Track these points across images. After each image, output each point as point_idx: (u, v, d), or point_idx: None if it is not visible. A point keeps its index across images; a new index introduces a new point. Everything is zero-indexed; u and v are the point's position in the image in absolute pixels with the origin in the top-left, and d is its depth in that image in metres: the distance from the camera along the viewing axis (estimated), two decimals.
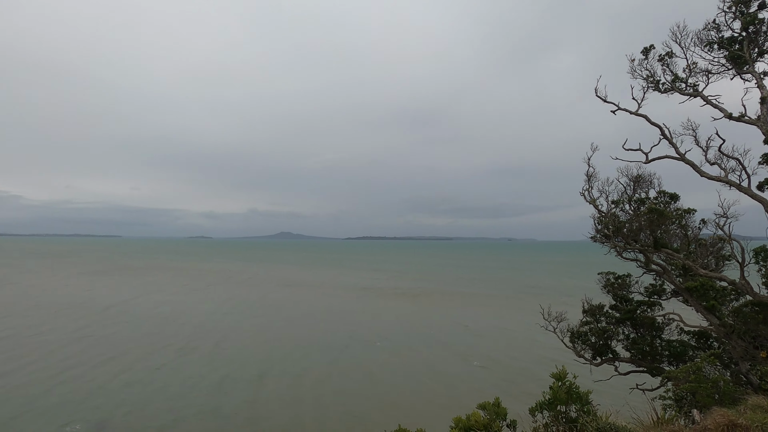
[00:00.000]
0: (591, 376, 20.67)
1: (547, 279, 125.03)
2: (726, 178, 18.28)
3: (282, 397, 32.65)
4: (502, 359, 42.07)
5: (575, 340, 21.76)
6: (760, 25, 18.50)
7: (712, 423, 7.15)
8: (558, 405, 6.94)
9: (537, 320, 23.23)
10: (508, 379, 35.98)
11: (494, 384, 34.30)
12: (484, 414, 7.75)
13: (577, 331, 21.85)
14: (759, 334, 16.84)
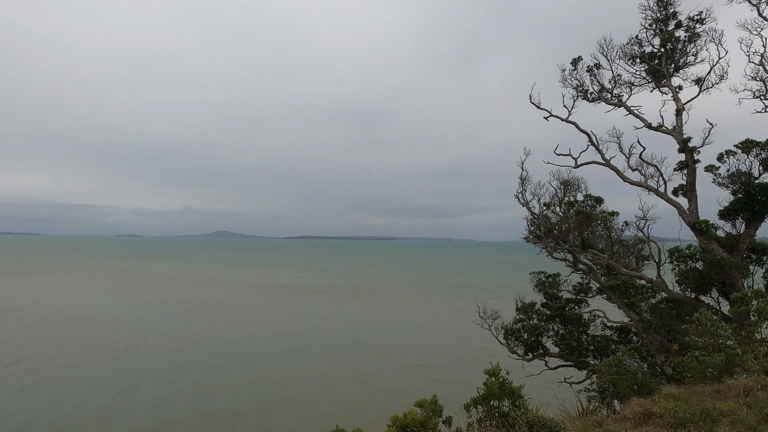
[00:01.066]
0: (523, 371, 21.47)
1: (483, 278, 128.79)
2: (645, 184, 19.62)
3: (197, 408, 29.97)
4: (439, 357, 42.89)
5: (509, 337, 22.59)
6: (676, 42, 19.99)
7: (631, 412, 7.65)
8: (491, 400, 7.16)
9: (473, 318, 23.88)
10: (445, 376, 36.75)
11: (432, 381, 34.92)
12: (421, 411, 7.86)
13: (511, 328, 22.69)
14: (672, 329, 18.20)
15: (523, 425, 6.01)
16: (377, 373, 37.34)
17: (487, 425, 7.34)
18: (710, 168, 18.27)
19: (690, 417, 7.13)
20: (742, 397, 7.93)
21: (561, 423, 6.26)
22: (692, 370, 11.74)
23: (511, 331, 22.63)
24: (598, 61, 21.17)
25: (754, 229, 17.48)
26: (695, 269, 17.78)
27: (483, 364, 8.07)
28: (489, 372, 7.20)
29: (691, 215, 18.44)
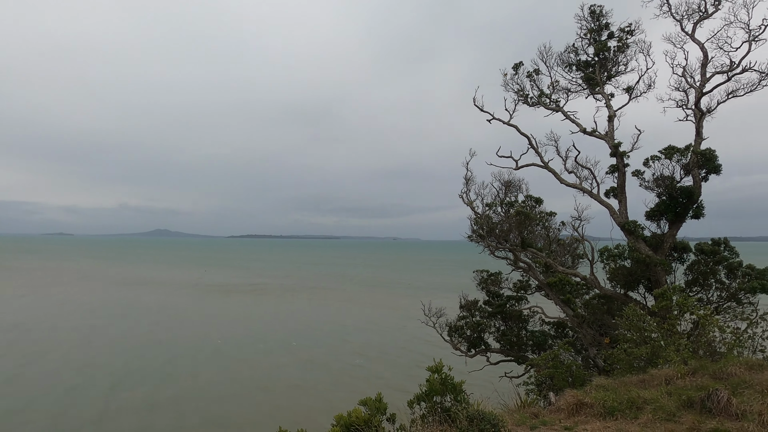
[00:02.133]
0: (466, 367, 22.00)
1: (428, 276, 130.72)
2: (580, 186, 20.64)
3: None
4: (384, 355, 43.18)
5: (453, 334, 23.10)
6: (608, 52, 21.14)
7: (564, 403, 8.05)
8: (434, 396, 7.31)
9: (418, 316, 24.23)
10: (391, 374, 37.05)
11: (378, 379, 35.12)
12: (365, 410, 7.90)
13: (455, 325, 23.21)
14: (604, 323, 19.25)
15: (463, 419, 6.18)
16: (321, 374, 37.10)
17: (430, 421, 7.48)
18: (638, 172, 19.46)
19: (617, 406, 7.59)
20: (664, 385, 8.52)
21: (500, 416, 6.49)
22: (621, 362, 12.48)
23: (455, 328, 23.14)
24: (537, 67, 22.04)
25: (676, 229, 18.79)
26: (624, 267, 18.91)
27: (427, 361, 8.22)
28: (432, 369, 7.35)
29: (621, 216, 19.58)
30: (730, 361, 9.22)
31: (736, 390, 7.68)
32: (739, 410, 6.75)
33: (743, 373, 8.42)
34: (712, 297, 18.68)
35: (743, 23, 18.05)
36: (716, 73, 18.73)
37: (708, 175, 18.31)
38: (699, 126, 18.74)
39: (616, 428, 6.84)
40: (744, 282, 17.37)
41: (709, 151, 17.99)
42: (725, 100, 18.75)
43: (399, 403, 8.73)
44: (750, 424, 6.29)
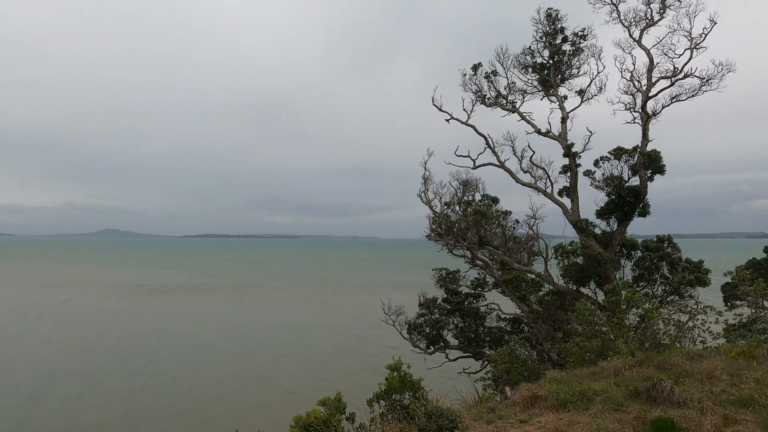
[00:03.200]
0: (425, 364, 22.21)
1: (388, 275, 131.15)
2: (535, 185, 21.22)
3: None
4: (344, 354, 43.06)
5: (412, 332, 23.29)
6: (562, 55, 21.80)
7: (520, 397, 8.26)
8: (393, 394, 7.34)
9: (378, 314, 24.29)
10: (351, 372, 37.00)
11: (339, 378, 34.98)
12: (324, 410, 7.85)
13: (414, 323, 23.41)
14: (558, 318, 19.88)
15: (422, 416, 6.24)
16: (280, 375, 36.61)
17: (389, 419, 7.51)
18: (589, 172, 20.19)
19: (570, 398, 7.85)
20: (613, 377, 8.87)
21: (457, 412, 6.59)
22: (573, 355, 12.93)
23: (414, 326, 23.34)
24: (495, 68, 22.49)
25: (624, 227, 19.61)
26: (576, 264, 19.59)
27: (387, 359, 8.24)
28: (391, 367, 7.39)
29: (573, 214, 20.26)
30: (673, 352, 9.70)
31: (679, 379, 8.09)
32: (681, 398, 7.10)
33: (685, 363, 8.87)
34: (657, 291, 19.62)
35: (686, 31, 19.02)
36: (661, 78, 19.65)
37: (653, 176, 19.20)
38: (645, 128, 19.61)
39: (568, 419, 7.07)
40: (684, 276, 18.33)
41: (654, 153, 18.86)
42: (669, 104, 19.71)
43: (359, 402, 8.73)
44: (690, 411, 6.63)
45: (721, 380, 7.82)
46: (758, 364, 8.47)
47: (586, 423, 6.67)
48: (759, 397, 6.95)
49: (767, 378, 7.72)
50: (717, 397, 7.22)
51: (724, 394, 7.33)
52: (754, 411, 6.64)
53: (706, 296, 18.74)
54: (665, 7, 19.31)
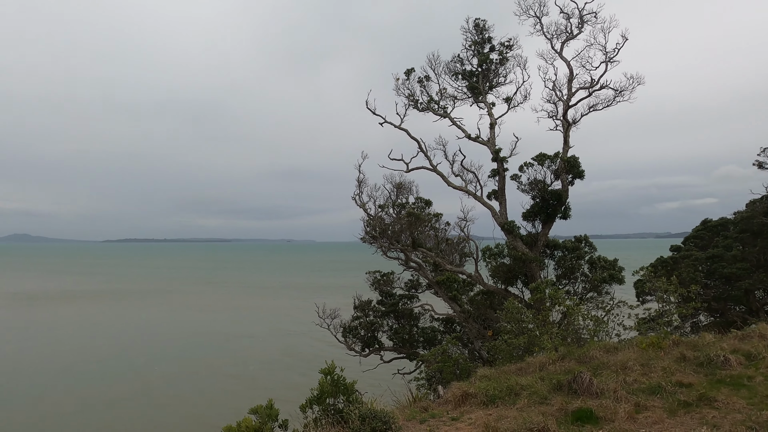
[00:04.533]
0: (360, 366, 22.23)
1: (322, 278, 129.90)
2: (466, 188, 21.89)
3: None
4: (279, 360, 42.18)
5: (347, 335, 23.24)
6: (490, 64, 22.66)
7: (451, 395, 8.47)
8: (326, 398, 7.28)
9: (312, 318, 24.02)
10: (284, 379, 36.27)
11: (271, 386, 34.15)
12: (255, 418, 7.65)
13: (349, 326, 23.38)
14: (488, 317, 20.59)
15: (356, 419, 6.24)
16: (208, 385, 35.25)
17: (323, 423, 7.44)
18: (515, 176, 21.13)
19: (498, 393, 8.15)
20: (538, 371, 9.31)
21: (391, 413, 6.65)
22: (502, 352, 13.43)
23: (349, 329, 23.30)
24: (427, 74, 23.00)
25: (548, 229, 20.69)
26: (504, 264, 20.41)
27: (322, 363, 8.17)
28: (324, 371, 7.32)
29: (501, 217, 21.10)
30: (592, 345, 10.33)
31: (597, 371, 8.62)
32: (599, 389, 7.58)
33: (602, 356, 9.47)
34: (578, 289, 20.83)
35: (601, 46, 20.42)
36: (580, 88, 20.95)
37: (573, 180, 20.41)
38: (566, 135, 20.80)
39: (497, 414, 7.33)
40: (601, 274, 19.62)
41: (574, 159, 20.05)
42: (587, 113, 21.05)
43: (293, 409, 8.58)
44: (607, 401, 7.10)
45: (634, 370, 8.42)
46: (665, 354, 9.20)
47: (513, 417, 6.95)
48: (666, 384, 7.55)
49: (673, 367, 8.41)
50: (630, 386, 7.76)
51: (636, 383, 7.90)
52: (662, 397, 7.21)
53: (621, 292, 20.13)
54: (583, 22, 20.62)
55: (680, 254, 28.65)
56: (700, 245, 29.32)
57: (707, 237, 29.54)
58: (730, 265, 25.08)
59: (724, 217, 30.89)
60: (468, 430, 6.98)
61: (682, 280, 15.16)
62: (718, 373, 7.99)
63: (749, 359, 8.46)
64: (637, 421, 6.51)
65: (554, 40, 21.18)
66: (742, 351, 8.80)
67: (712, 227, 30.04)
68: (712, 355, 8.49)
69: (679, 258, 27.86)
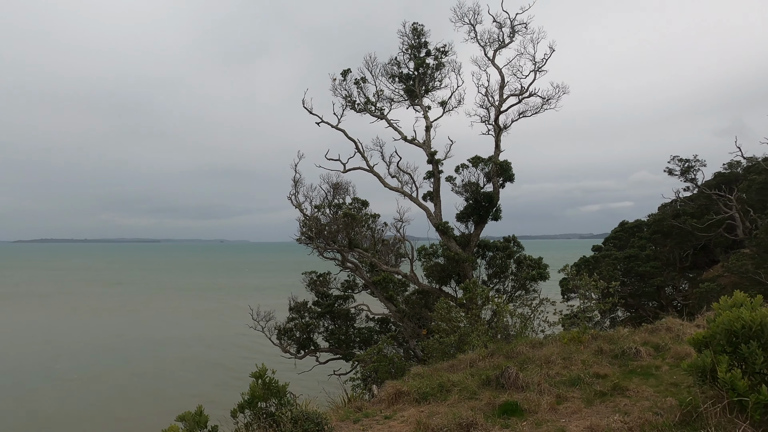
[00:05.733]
0: (296, 369, 21.96)
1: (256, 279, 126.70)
2: (402, 189, 22.20)
3: None
4: (209, 365, 40.76)
5: (282, 337, 22.87)
6: (426, 68, 23.12)
7: (385, 394, 8.56)
8: (258, 402, 7.14)
9: (246, 320, 23.44)
10: (217, 384, 35.09)
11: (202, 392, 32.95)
12: (183, 426, 7.37)
13: (284, 327, 23.02)
14: (422, 316, 20.99)
15: (287, 422, 6.17)
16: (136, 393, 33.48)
17: (255, 428, 7.29)
18: (450, 178, 21.70)
19: (430, 391, 8.34)
20: (468, 368, 9.62)
21: (324, 414, 6.63)
22: (435, 351, 13.74)
23: (284, 331, 22.95)
24: (364, 75, 23.10)
25: (480, 229, 21.41)
26: (438, 264, 20.91)
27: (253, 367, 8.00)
28: (255, 374, 7.17)
29: (436, 218, 21.59)
30: (519, 341, 10.79)
31: (523, 366, 9.03)
32: (524, 383, 7.95)
33: (528, 351, 9.93)
34: (507, 287, 21.70)
35: (531, 55, 21.40)
36: (510, 95, 21.85)
37: (505, 183, 21.26)
38: (498, 140, 21.62)
39: (428, 411, 7.50)
40: (528, 272, 20.58)
41: (505, 163, 20.88)
42: (517, 119, 22.00)
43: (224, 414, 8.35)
44: (531, 394, 7.46)
45: (556, 364, 8.90)
46: (585, 347, 9.79)
47: (444, 413, 7.14)
48: (584, 376, 8.04)
49: (591, 359, 8.97)
50: (552, 379, 8.19)
51: (558, 376, 8.35)
52: (580, 388, 7.67)
53: (547, 290, 21.18)
54: (514, 32, 21.52)
55: (601, 254, 30.62)
56: (618, 245, 31.50)
57: (624, 238, 31.77)
58: (644, 263, 27.11)
59: (639, 220, 33.41)
60: (400, 427, 7.09)
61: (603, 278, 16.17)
62: (630, 364, 8.60)
63: (657, 350, 9.17)
64: (558, 412, 6.89)
65: (487, 47, 21.96)
66: (652, 343, 9.53)
67: (629, 229, 32.35)
68: (625, 347, 9.12)
69: (599, 257, 29.78)
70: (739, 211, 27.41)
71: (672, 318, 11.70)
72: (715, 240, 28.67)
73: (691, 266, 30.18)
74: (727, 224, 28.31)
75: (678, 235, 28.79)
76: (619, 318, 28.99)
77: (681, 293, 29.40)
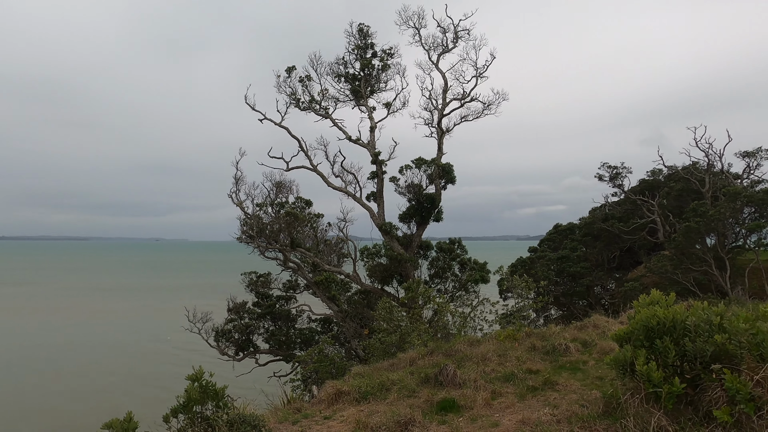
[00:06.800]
0: (234, 371, 21.40)
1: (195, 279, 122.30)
2: (345, 189, 22.19)
3: None
4: (141, 369, 38.94)
5: (220, 339, 22.23)
6: (372, 69, 23.24)
7: (325, 394, 8.53)
8: (194, 406, 6.91)
9: (182, 322, 22.59)
10: (150, 389, 33.59)
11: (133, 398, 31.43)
12: None
13: (222, 329, 22.39)
14: (365, 316, 21.05)
15: (223, 426, 6.02)
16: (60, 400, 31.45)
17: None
18: (394, 179, 21.93)
19: (370, 390, 8.39)
20: (408, 366, 9.76)
21: (261, 417, 6.52)
22: (376, 350, 13.82)
23: (222, 333, 22.33)
24: (309, 73, 22.90)
25: (422, 230, 21.78)
26: (381, 264, 21.07)
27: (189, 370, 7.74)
28: (191, 377, 6.93)
29: (379, 218, 21.73)
30: (458, 340, 11.07)
31: (461, 363, 9.27)
32: (462, 380, 8.16)
33: (466, 349, 10.20)
34: (448, 287, 22.18)
35: (473, 61, 22.01)
36: (453, 99, 22.39)
37: (447, 185, 21.74)
38: (440, 142, 22.08)
39: (368, 410, 7.54)
40: (471, 275, 21.14)
41: (447, 165, 21.35)
42: (460, 122, 22.57)
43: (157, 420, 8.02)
44: (468, 390, 7.68)
45: (492, 361, 9.20)
46: (519, 344, 10.19)
47: (384, 411, 7.20)
48: (518, 372, 8.37)
49: (524, 356, 9.35)
50: (488, 376, 8.47)
51: (493, 373, 8.64)
52: (514, 384, 7.98)
53: (487, 290, 21.85)
54: (457, 37, 22.07)
55: (536, 255, 31.94)
56: (553, 247, 32.98)
57: (558, 240, 33.30)
58: (575, 264, 28.52)
59: (572, 223, 35.12)
60: (339, 427, 7.09)
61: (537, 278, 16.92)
62: (560, 360, 9.04)
63: (585, 346, 9.69)
64: (493, 407, 7.13)
65: (431, 51, 22.38)
66: (580, 339, 10.06)
67: (562, 231, 33.95)
68: (556, 344, 9.58)
69: (535, 258, 31.05)
70: (660, 216, 29.39)
71: (599, 316, 12.41)
72: (639, 242, 30.60)
73: (617, 267, 32.07)
74: (650, 228, 30.29)
75: (606, 238, 30.50)
76: (553, 316, 30.33)
77: (608, 292, 31.18)
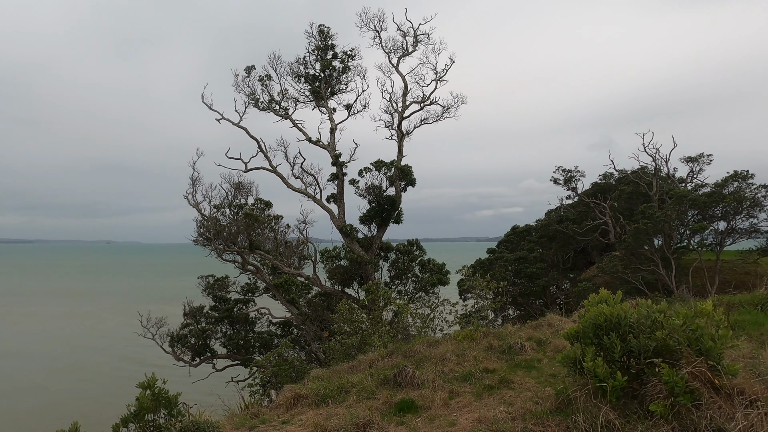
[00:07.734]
0: (190, 377, 20.84)
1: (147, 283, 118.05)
2: (305, 191, 22.02)
3: None
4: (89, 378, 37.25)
5: (175, 344, 21.61)
6: (333, 71, 23.17)
7: (283, 398, 8.42)
8: (145, 414, 6.69)
9: (135, 328, 21.80)
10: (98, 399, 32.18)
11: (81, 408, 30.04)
12: None
13: (178, 334, 21.77)
14: (325, 318, 20.92)
15: None
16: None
17: None
18: (354, 181, 21.92)
19: (329, 393, 8.35)
20: (368, 368, 9.76)
21: (216, 423, 6.38)
22: (337, 353, 13.77)
23: (177, 338, 21.71)
24: (268, 73, 22.61)
25: (382, 232, 21.84)
26: (341, 266, 21.01)
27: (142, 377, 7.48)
28: (142, 385, 6.70)
29: (339, 220, 21.66)
30: (417, 341, 11.16)
31: (420, 364, 9.35)
32: (420, 380, 8.23)
33: (425, 350, 10.30)
34: (409, 289, 22.33)
35: (432, 65, 22.28)
36: (413, 102, 22.58)
37: (407, 187, 21.89)
38: (400, 145, 22.22)
39: (327, 413, 7.50)
40: (430, 276, 21.36)
41: (407, 167, 21.51)
42: (419, 125, 22.78)
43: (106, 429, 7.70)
44: (426, 390, 7.75)
45: (450, 361, 9.32)
46: (477, 344, 10.37)
47: (342, 414, 7.18)
48: (475, 371, 8.52)
49: (482, 355, 9.52)
50: (446, 376, 8.58)
51: (451, 373, 8.76)
52: (471, 383, 8.12)
53: (446, 290, 22.11)
54: (417, 41, 22.29)
55: (494, 256, 32.60)
56: (510, 248, 33.74)
57: (515, 241, 34.10)
58: (532, 265, 29.28)
59: (529, 224, 36.02)
60: (298, 431, 7.02)
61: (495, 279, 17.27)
62: (516, 359, 9.26)
63: (540, 345, 9.96)
64: (450, 407, 7.23)
65: (392, 54, 22.52)
66: (535, 338, 10.33)
67: (519, 233, 34.78)
68: (512, 343, 9.80)
69: (493, 259, 31.69)
70: (611, 218, 30.56)
71: (554, 315, 12.77)
72: (592, 243, 31.72)
73: (572, 267, 33.13)
74: (602, 229, 31.44)
75: (561, 239, 31.47)
76: (510, 316, 31.01)
77: (563, 292, 32.17)
